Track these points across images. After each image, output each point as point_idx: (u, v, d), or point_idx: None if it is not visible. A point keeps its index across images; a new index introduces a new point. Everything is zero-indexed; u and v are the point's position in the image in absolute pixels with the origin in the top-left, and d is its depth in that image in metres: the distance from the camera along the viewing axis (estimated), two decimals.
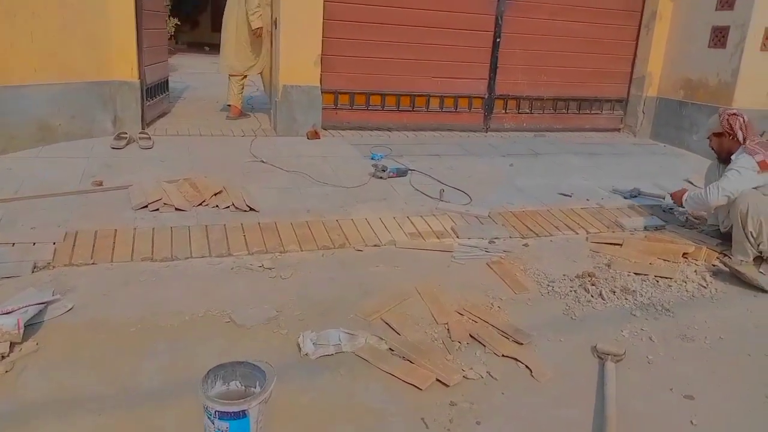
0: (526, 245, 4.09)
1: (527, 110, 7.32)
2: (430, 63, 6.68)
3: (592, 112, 7.63)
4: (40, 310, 2.79)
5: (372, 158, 5.54)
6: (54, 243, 3.44)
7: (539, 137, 7.16)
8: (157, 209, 4.01)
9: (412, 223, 4.24)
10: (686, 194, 4.24)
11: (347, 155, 5.65)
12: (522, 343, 2.89)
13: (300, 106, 6.13)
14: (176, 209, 4.03)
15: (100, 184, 4.34)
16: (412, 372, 2.60)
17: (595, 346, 2.89)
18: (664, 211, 4.87)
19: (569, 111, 7.51)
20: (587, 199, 5.03)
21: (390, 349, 2.76)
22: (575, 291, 3.46)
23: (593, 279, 3.58)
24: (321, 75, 6.28)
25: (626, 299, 3.41)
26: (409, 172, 5.24)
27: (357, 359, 2.69)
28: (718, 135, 4.14)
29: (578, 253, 4.02)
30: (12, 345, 2.53)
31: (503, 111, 7.20)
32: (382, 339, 2.83)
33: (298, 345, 2.71)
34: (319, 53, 6.08)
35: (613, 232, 4.46)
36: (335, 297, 3.19)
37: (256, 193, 4.47)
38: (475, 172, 5.51)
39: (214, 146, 5.65)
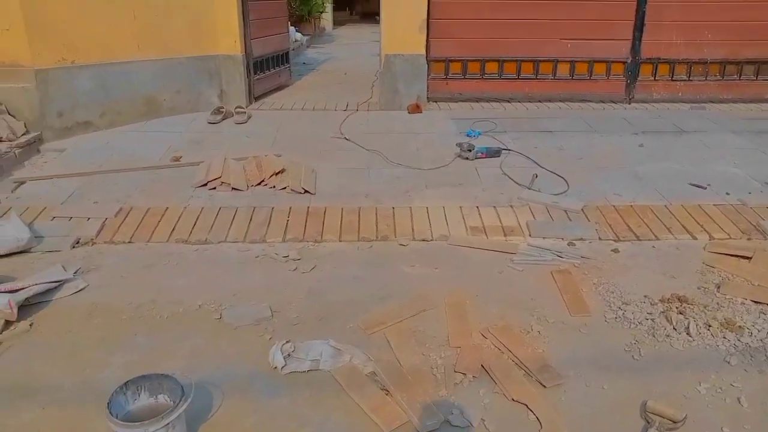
0: (615, 251, 3.29)
1: (684, 77, 6.03)
2: (557, 23, 5.78)
3: None
4: (56, 287, 2.85)
5: (467, 135, 4.96)
6: (105, 219, 3.54)
7: (697, 110, 5.88)
8: (214, 188, 3.96)
9: (480, 214, 3.66)
10: None
11: (443, 131, 5.12)
12: (546, 386, 2.27)
13: (403, 77, 5.70)
14: (233, 188, 3.94)
15: (178, 159, 4.42)
16: (381, 407, 2.15)
17: (644, 403, 2.16)
18: None
19: (743, 77, 6.05)
20: (727, 193, 3.93)
21: (372, 372, 2.34)
22: (653, 320, 2.67)
23: (685, 305, 2.73)
24: (429, 42, 5.77)
25: (725, 338, 2.54)
26: (504, 152, 4.57)
27: (332, 381, 2.31)
28: None
29: (684, 267, 3.12)
30: (8, 323, 2.60)
31: (652, 78, 6.02)
32: (370, 359, 2.41)
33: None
34: (424, 18, 5.56)
35: (749, 239, 3.41)
36: (348, 299, 2.82)
37: (325, 173, 4.22)
38: (589, 153, 4.65)
39: (309, 121, 5.49)
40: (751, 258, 3.15)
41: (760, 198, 3.88)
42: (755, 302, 2.79)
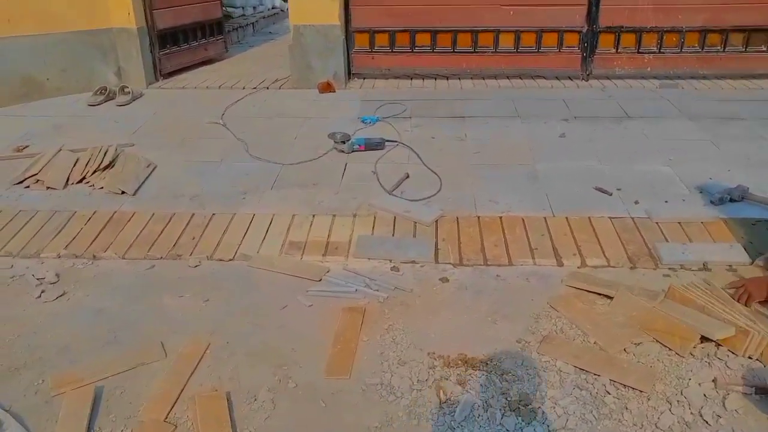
0: (444, 280, 2.60)
1: (654, 48, 5.06)
2: None
3: None
4: None
5: (362, 121, 4.26)
6: None
7: (668, 87, 4.92)
8: (28, 186, 3.47)
9: (311, 226, 3.02)
10: None
11: (342, 116, 4.43)
12: None
13: (316, 51, 5.01)
14: (47, 187, 3.43)
15: (21, 150, 3.95)
16: None
17: None
18: None
19: (728, 48, 5.02)
20: (636, 202, 3.12)
21: None
22: (420, 390, 2.00)
23: (471, 371, 2.04)
24: (349, 10, 5.04)
25: (502, 426, 1.86)
26: (390, 143, 3.87)
27: None
28: None
29: (521, 308, 2.41)
30: None
31: (613, 50, 5.08)
32: None
33: None
34: None
35: (632, 268, 2.64)
36: (64, 344, 2.26)
37: (167, 168, 3.65)
38: (493, 145, 3.88)
39: (200, 103, 4.87)
40: (613, 298, 2.40)
41: (678, 209, 3.06)
42: (577, 368, 2.08)
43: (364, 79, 5.33)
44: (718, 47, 5.03)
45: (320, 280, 2.64)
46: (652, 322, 2.20)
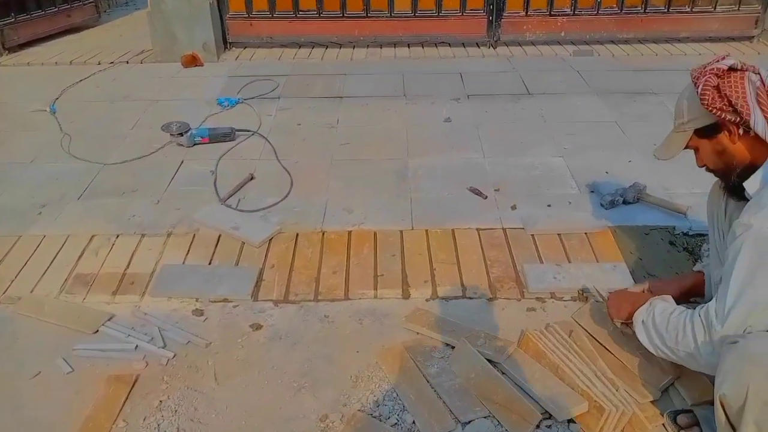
0: (256, 327, 2.04)
1: (568, 10, 4.51)
2: None
3: (698, 8, 4.50)
4: None
5: (219, 104, 3.61)
6: None
7: (583, 55, 4.40)
8: None
9: (109, 251, 2.41)
10: (646, 309, 1.71)
11: (200, 97, 3.75)
12: None
13: (179, 19, 4.28)
14: None
15: None
16: None
17: None
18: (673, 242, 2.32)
19: (648, 9, 4.50)
20: (513, 207, 2.61)
21: None
22: None
23: None
24: None
25: None
26: (242, 133, 3.25)
27: None
28: (705, 135, 1.57)
29: (342, 365, 1.88)
30: None
31: (522, 13, 4.51)
32: None
33: None
34: None
35: (490, 300, 2.14)
36: None
37: None
38: (366, 134, 3.29)
39: (36, 83, 4.09)
40: (454, 348, 1.89)
41: (561, 216, 2.55)
42: None
43: (244, 48, 4.64)
44: (639, 8, 4.51)
45: (96, 331, 2.06)
46: (492, 390, 1.71)
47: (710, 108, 1.49)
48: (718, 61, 1.54)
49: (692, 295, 1.91)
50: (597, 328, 1.95)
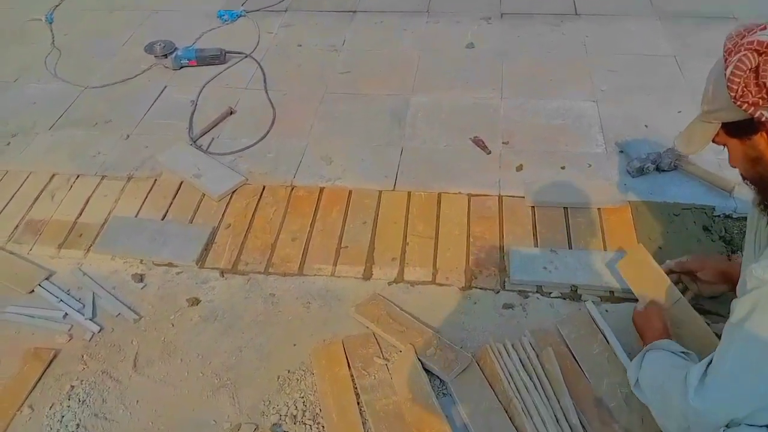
0: (193, 302, 1.84)
1: None
2: None
3: None
4: None
5: (219, 16, 3.23)
6: None
7: None
8: None
9: (66, 194, 2.23)
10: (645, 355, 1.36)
11: (196, 8, 3.32)
12: None
13: None
14: None
15: None
16: None
17: None
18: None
19: None
20: (519, 168, 2.19)
21: None
22: None
23: None
24: None
25: None
26: (234, 56, 2.89)
27: None
28: (735, 134, 1.12)
29: (271, 362, 1.66)
30: None
31: None
32: None
33: None
34: None
35: (463, 289, 1.82)
36: None
37: None
38: (373, 61, 2.82)
39: None
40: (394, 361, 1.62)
41: (574, 183, 2.12)
42: None
43: None
44: None
45: (32, 291, 1.92)
46: (424, 422, 1.44)
47: (740, 101, 1.04)
48: (764, 28, 1.06)
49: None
50: (581, 343, 1.61)
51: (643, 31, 2.88)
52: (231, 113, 2.55)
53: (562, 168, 2.18)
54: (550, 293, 1.80)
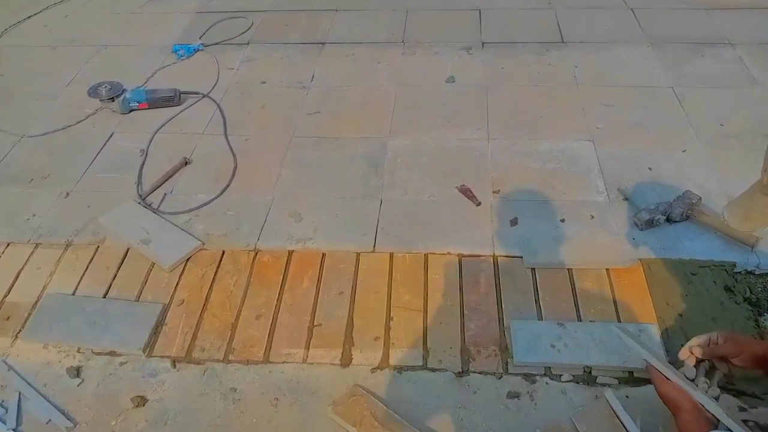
0: (139, 402, 1.54)
1: None
2: None
3: None
4: None
5: (174, 52, 2.95)
6: None
7: None
8: None
9: None
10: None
11: (152, 43, 3.04)
12: None
13: None
14: None
15: None
16: None
17: None
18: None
19: None
20: (514, 222, 1.94)
21: None
22: None
23: None
24: None
25: None
26: (190, 97, 2.61)
27: None
28: None
29: None
30: None
31: None
32: None
33: None
34: None
35: (459, 375, 1.55)
36: None
37: None
38: (344, 99, 2.56)
39: None
40: None
41: (576, 238, 1.88)
42: None
43: None
44: None
45: None
46: None
47: None
48: None
49: None
50: None
51: (635, 60, 2.68)
52: (186, 164, 2.27)
53: (562, 221, 1.94)
54: (560, 376, 1.54)
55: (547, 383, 1.53)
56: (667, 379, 1.27)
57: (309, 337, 1.66)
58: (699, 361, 1.37)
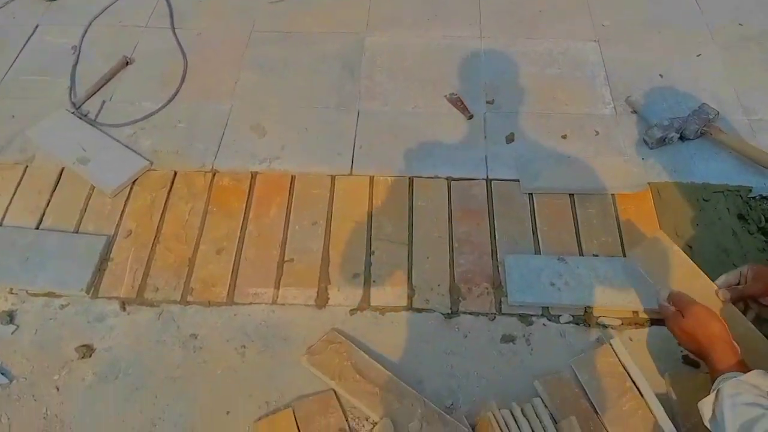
0: (85, 352, 1.35)
1: None
2: None
3: None
4: None
5: None
6: None
7: None
8: None
9: None
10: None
11: None
12: None
13: None
14: None
15: None
16: None
17: None
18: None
19: None
20: (510, 138, 1.71)
21: None
22: None
23: None
24: None
25: None
26: None
27: None
28: None
29: None
30: None
31: None
32: None
33: None
34: None
35: (448, 316, 1.39)
36: None
37: None
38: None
39: None
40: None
41: (581, 158, 1.67)
42: None
43: None
44: None
45: None
46: None
47: None
48: None
49: None
50: (607, 397, 1.23)
51: None
52: (127, 64, 1.93)
53: (563, 137, 1.72)
54: (559, 317, 1.40)
55: (544, 325, 1.39)
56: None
57: (279, 275, 1.46)
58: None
